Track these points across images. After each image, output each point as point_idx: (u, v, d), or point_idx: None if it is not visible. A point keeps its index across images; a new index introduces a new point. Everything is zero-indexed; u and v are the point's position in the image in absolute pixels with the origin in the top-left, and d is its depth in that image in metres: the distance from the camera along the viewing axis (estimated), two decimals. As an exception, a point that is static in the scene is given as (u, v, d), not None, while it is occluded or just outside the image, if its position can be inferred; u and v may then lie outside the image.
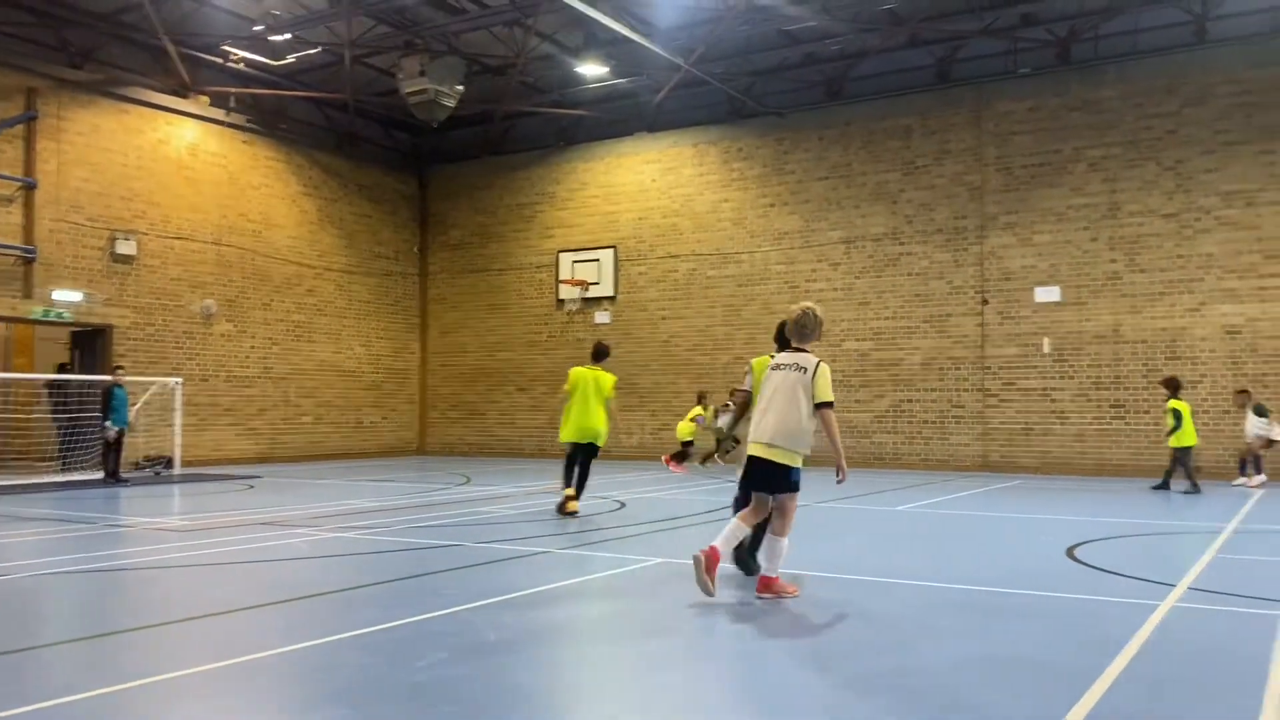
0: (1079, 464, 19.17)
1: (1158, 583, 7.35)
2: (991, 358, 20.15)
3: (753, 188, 22.81)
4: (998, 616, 6.33)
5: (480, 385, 26.33)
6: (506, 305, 26.02)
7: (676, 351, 23.56)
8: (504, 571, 7.99)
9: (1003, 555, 9.06)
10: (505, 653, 5.37)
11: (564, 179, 25.28)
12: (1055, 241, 19.64)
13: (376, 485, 16.65)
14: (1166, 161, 18.79)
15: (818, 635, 5.83)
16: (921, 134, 21.04)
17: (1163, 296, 18.69)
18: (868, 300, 21.41)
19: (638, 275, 24.16)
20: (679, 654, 5.45)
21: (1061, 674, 4.90)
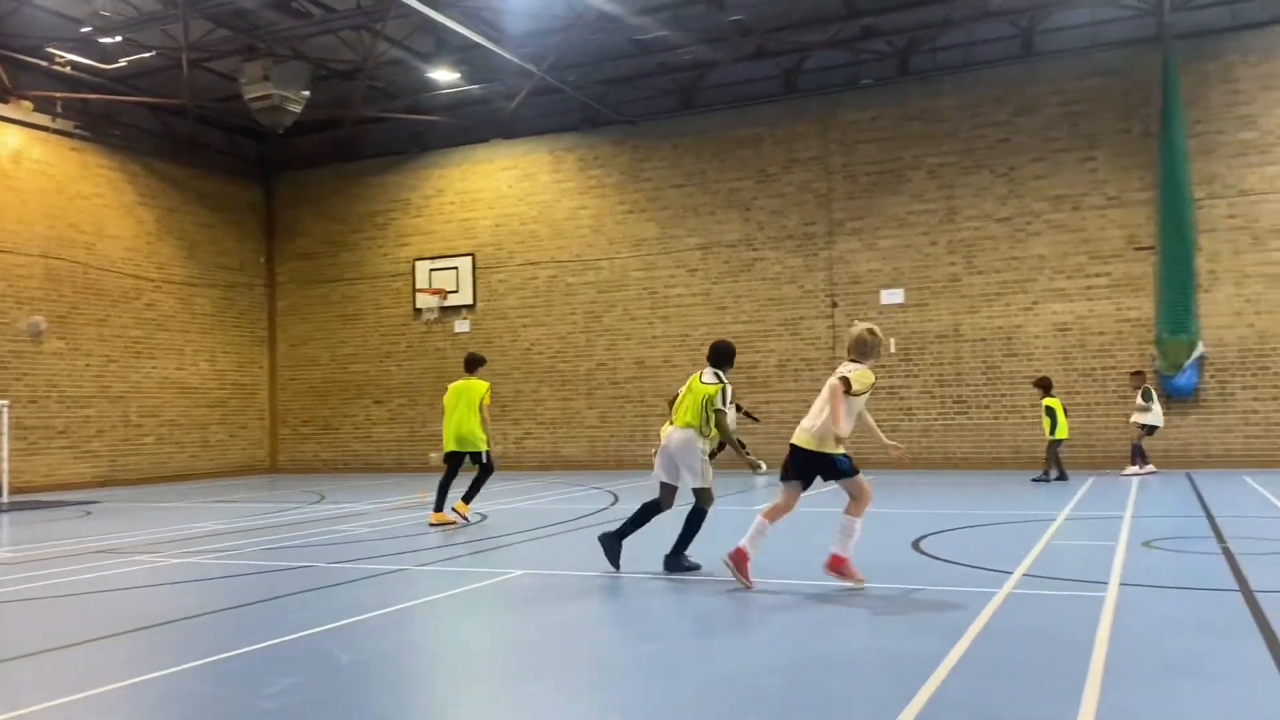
0: (925, 458, 19.99)
1: (995, 570, 7.73)
2: (842, 358, 20.75)
3: (610, 195, 22.95)
4: (847, 610, 6.54)
5: (334, 399, 25.62)
6: (360, 315, 25.41)
7: (538, 359, 23.48)
8: (359, 591, 7.80)
9: (854, 550, 9.34)
10: (359, 675, 5.24)
11: (419, 186, 24.88)
12: (898, 246, 20.44)
13: (225, 507, 16.00)
14: (999, 169, 19.81)
15: (674, 640, 5.90)
16: (771, 143, 21.59)
17: (999, 296, 19.68)
18: (725, 305, 21.81)
19: (497, 283, 23.98)
20: (539, 667, 5.42)
21: (906, 663, 5.10)
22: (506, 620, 6.69)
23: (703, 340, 21.85)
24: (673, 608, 6.84)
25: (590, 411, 22.89)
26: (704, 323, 21.91)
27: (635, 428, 22.44)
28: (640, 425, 22.39)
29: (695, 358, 21.81)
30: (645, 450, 22.26)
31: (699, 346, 21.87)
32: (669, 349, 22.23)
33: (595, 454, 22.78)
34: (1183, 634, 5.65)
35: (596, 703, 4.70)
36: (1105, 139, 19.09)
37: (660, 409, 21.62)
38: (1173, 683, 4.69)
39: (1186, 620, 6.01)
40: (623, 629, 6.20)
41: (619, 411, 22.62)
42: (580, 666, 5.40)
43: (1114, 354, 18.84)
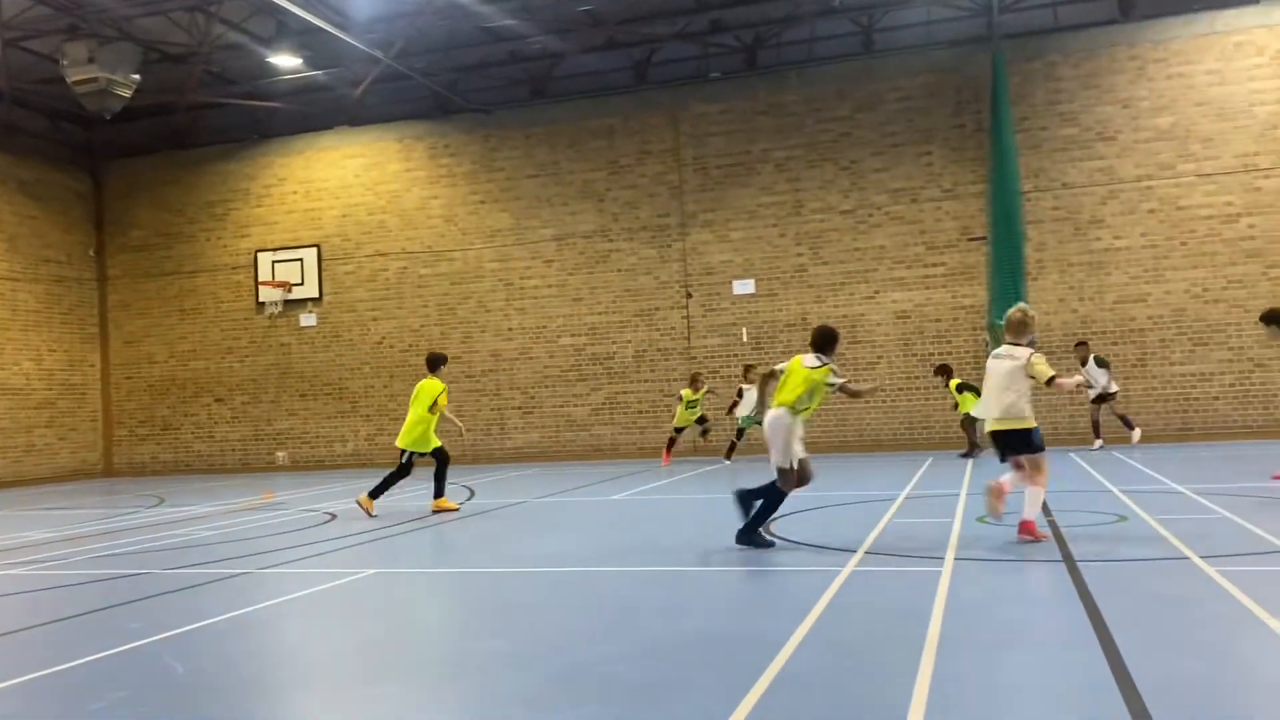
0: (778, 444, 20.48)
1: (840, 549, 7.99)
2: (697, 348, 21.13)
3: (462, 185, 22.62)
4: (698, 594, 6.65)
5: (173, 398, 24.46)
6: (200, 310, 24.31)
7: (389, 353, 22.97)
8: (200, 597, 7.47)
9: (707, 534, 9.51)
10: (196, 686, 5.02)
11: (259, 174, 23.95)
12: (748, 237, 20.87)
13: (54, 514, 15.07)
14: (842, 162, 20.45)
15: (523, 632, 5.87)
16: (624, 134, 21.69)
17: (843, 286, 20.34)
18: (581, 296, 21.82)
19: (344, 275, 23.32)
20: (387, 668, 5.31)
21: (753, 643, 5.22)
22: (354, 622, 6.53)
23: (559, 332, 21.83)
24: (521, 601, 6.81)
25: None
26: (560, 314, 21.87)
27: (492, 421, 22.23)
28: (496, 419, 22.20)
29: (553, 350, 21.80)
30: (503, 444, 22.10)
31: (556, 338, 21.85)
32: (526, 341, 22.10)
33: (451, 448, 22.37)
34: (1011, 604, 5.97)
35: (444, 700, 4.63)
36: (940, 134, 19.95)
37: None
38: (1003, 651, 4.94)
39: (1015, 591, 6.35)
40: (471, 625, 6.13)
41: (475, 405, 22.36)
42: (429, 664, 5.31)
43: (950, 340, 19.73)
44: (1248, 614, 5.37)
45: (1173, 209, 18.79)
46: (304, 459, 23.37)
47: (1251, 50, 18.55)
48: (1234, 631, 5.10)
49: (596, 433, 21.64)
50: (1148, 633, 5.13)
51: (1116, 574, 6.64)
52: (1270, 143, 18.39)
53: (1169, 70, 18.90)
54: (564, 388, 21.84)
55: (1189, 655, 4.70)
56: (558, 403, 21.89)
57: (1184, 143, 18.77)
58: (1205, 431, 18.40)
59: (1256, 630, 5.07)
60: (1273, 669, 4.45)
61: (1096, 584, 6.26)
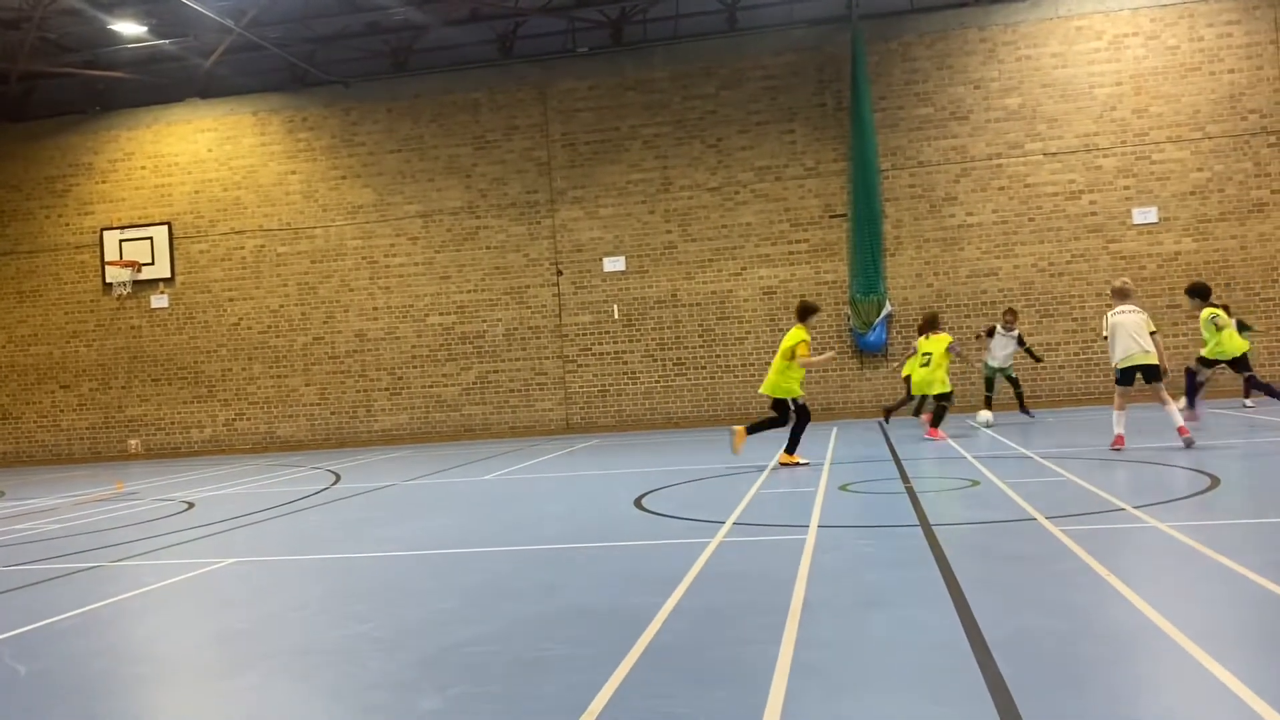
0: (649, 419, 20.70)
1: (709, 521, 8.12)
2: (569, 325, 21.08)
3: (322, 159, 21.93)
4: (570, 571, 6.65)
5: (13, 385, 23.05)
6: (40, 292, 22.95)
7: (248, 335, 22.17)
8: (45, 594, 7.07)
9: (579, 511, 9.54)
10: (40, 687, 4.75)
11: (103, 148, 22.70)
12: (618, 214, 20.90)
13: (-122, 512, 14.02)
14: (709, 139, 20.65)
15: (389, 617, 5.77)
16: (490, 109, 21.38)
17: (711, 263, 20.59)
18: (449, 274, 21.48)
19: (198, 254, 22.36)
20: (247, 659, 5.13)
21: (624, 617, 5.25)
22: (213, 613, 6.29)
23: (428, 310, 21.44)
24: (389, 585, 6.69)
25: (308, 389, 21.93)
26: (428, 292, 21.50)
27: (358, 404, 21.74)
28: (363, 401, 21.72)
29: (420, 329, 21.42)
30: (370, 426, 21.64)
31: (424, 317, 21.47)
32: (392, 320, 21.64)
33: (315, 432, 21.89)
34: (873, 568, 6.17)
35: (308, 688, 4.51)
36: (803, 112, 20.35)
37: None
38: (863, 613, 5.10)
39: (876, 556, 6.56)
40: (336, 611, 5.99)
41: (339, 387, 21.82)
42: (292, 653, 5.16)
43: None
44: (1088, 570, 5.69)
45: (1021, 186, 19.67)
46: (158, 446, 22.40)
47: (1091, 35, 19.52)
48: (1076, 587, 5.40)
49: (467, 413, 21.40)
50: (997, 591, 5.39)
51: (969, 536, 6.94)
52: (1109, 123, 19.41)
53: (1017, 53, 19.72)
54: (433, 367, 21.51)
55: (1035, 610, 4.95)
56: (426, 383, 21.54)
57: (1031, 122, 19.65)
58: (1051, 399, 19.41)
59: (1096, 585, 5.38)
60: (1111, 620, 4.73)
61: (950, 546, 6.53)
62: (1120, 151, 19.34)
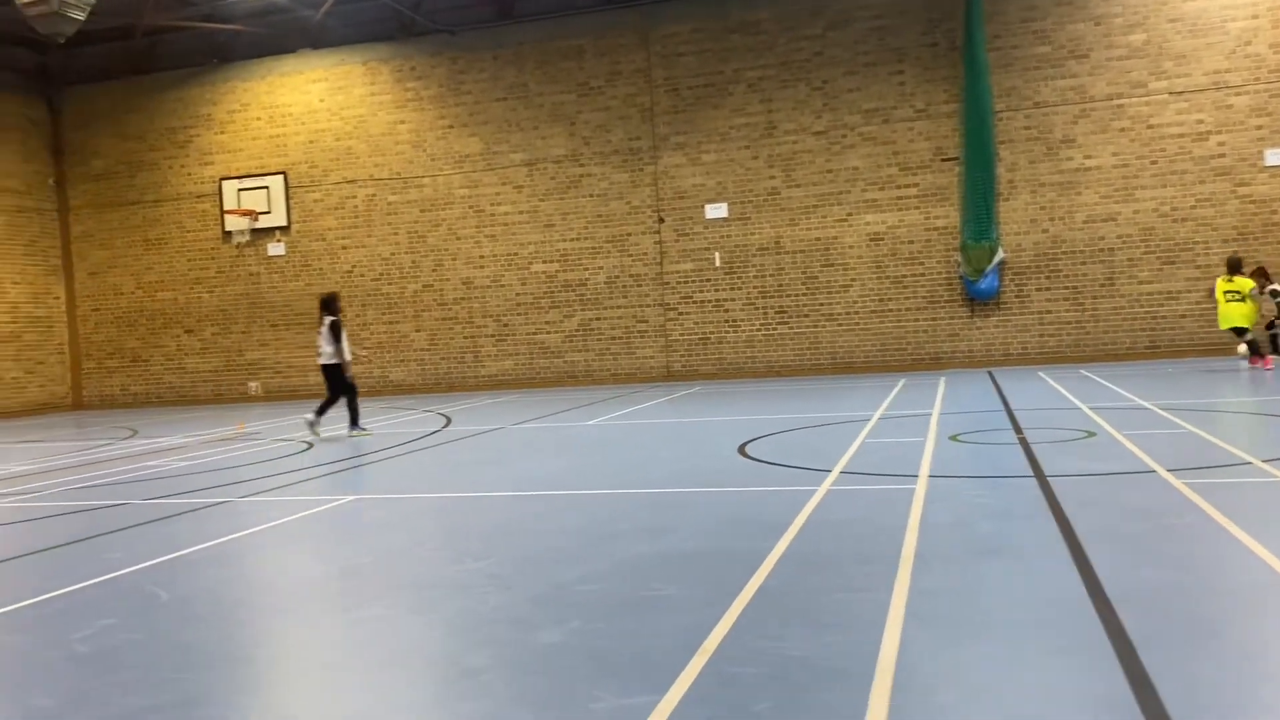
0: (750, 368, 20.63)
1: (816, 469, 8.10)
2: (670, 273, 21.07)
3: (429, 109, 22.21)
4: (676, 515, 6.73)
5: (142, 329, 24.18)
6: (165, 240, 23.92)
7: (360, 282, 22.76)
8: (179, 527, 7.48)
9: (682, 457, 9.61)
10: (179, 612, 5.05)
11: (221, 100, 23.39)
12: (721, 160, 20.69)
13: (25, 447, 14.97)
14: (815, 82, 20.22)
15: (505, 555, 5.93)
16: (594, 55, 21.31)
17: (816, 209, 20.27)
18: (553, 222, 21.63)
19: (313, 203, 22.97)
20: (369, 592, 5.36)
21: (732, 560, 5.31)
22: (335, 547, 6.57)
23: (531, 259, 21.67)
24: (501, 524, 6.87)
25: (418, 334, 22.46)
26: (531, 240, 21.70)
27: (465, 349, 22.18)
28: (470, 347, 22.14)
29: (525, 277, 21.68)
30: (476, 372, 22.09)
31: (528, 265, 21.70)
32: (498, 268, 21.94)
33: (425, 377, 22.44)
34: (985, 519, 6.09)
35: (430, 620, 4.69)
36: (912, 53, 19.74)
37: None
38: (976, 563, 5.05)
39: (988, 506, 6.47)
40: (452, 548, 6.19)
41: (448, 333, 22.28)
42: (413, 587, 5.37)
43: (923, 262, 19.79)
44: (1213, 524, 5.51)
45: (1144, 127, 18.78)
46: (277, 389, 23.28)
47: (1226, -35, 18.38)
48: (1200, 542, 5.24)
49: (570, 359, 21.65)
50: (1117, 543, 5.26)
51: (1086, 488, 6.77)
52: (1241, 59, 18.34)
53: (1143, -14, 18.72)
54: (537, 315, 21.78)
55: (1157, 565, 4.83)
56: (531, 330, 21.84)
57: (1156, 60, 18.69)
58: (1172, 349, 18.67)
59: (1222, 539, 5.21)
60: (1237, 577, 4.59)
61: (1067, 498, 6.39)
62: (1254, 89, 18.28)
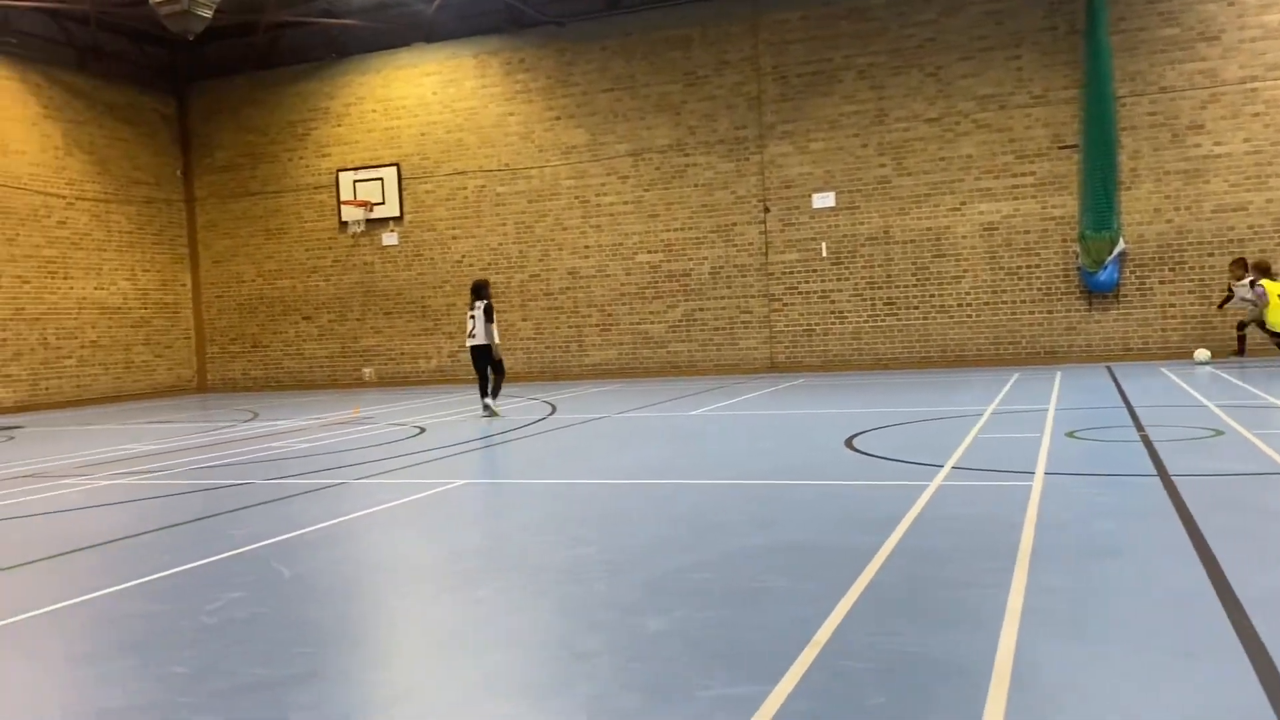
0: (857, 360, 20.33)
1: (926, 464, 7.94)
2: (775, 263, 20.90)
3: (538, 100, 22.47)
4: (783, 507, 6.68)
5: (262, 316, 25.11)
6: (285, 230, 24.77)
7: (469, 272, 23.15)
8: (298, 507, 7.75)
9: (788, 450, 9.54)
10: (301, 588, 5.24)
11: (338, 93, 24.08)
12: (829, 149, 20.41)
13: (154, 428, 15.71)
14: (928, 68, 19.77)
15: (614, 542, 5.98)
16: (701, 44, 21.23)
17: (927, 198, 19.84)
18: (657, 213, 21.67)
19: (424, 194, 23.49)
20: (480, 574, 5.47)
21: (841, 554, 5.24)
22: (446, 530, 6.72)
23: (636, 248, 21.75)
24: (609, 511, 6.93)
25: (524, 323, 22.78)
26: (636, 231, 21.78)
27: (570, 339, 22.41)
28: (575, 336, 22.36)
29: (629, 267, 21.77)
30: (580, 361, 22.30)
31: (632, 255, 21.79)
32: (603, 258, 22.09)
33: (530, 365, 22.75)
34: (1104, 518, 5.88)
35: (539, 603, 4.77)
36: (1030, 37, 19.13)
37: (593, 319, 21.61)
38: (1095, 563, 4.89)
39: (1108, 505, 6.25)
40: (561, 533, 6.26)
41: (553, 323, 22.54)
42: (522, 570, 5.46)
43: (1039, 252, 19.20)
44: (1356, 529, 5.22)
45: (1279, 112, 17.85)
46: (389, 375, 23.91)
47: (1374, -62, 17.31)
48: (1341, 547, 4.97)
49: (673, 349, 21.68)
50: (1249, 546, 5.03)
51: (1213, 488, 6.49)
52: (1391, 38, 17.25)
53: (1282, -38, 17.76)
54: (640, 305, 21.86)
55: (1293, 570, 4.60)
56: (634, 320, 21.94)
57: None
58: (1307, 346, 17.71)
59: (1365, 545, 4.93)
60: (1383, 584, 4.34)
61: (1193, 498, 6.13)
62: (1405, 69, 17.17)
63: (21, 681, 4.06)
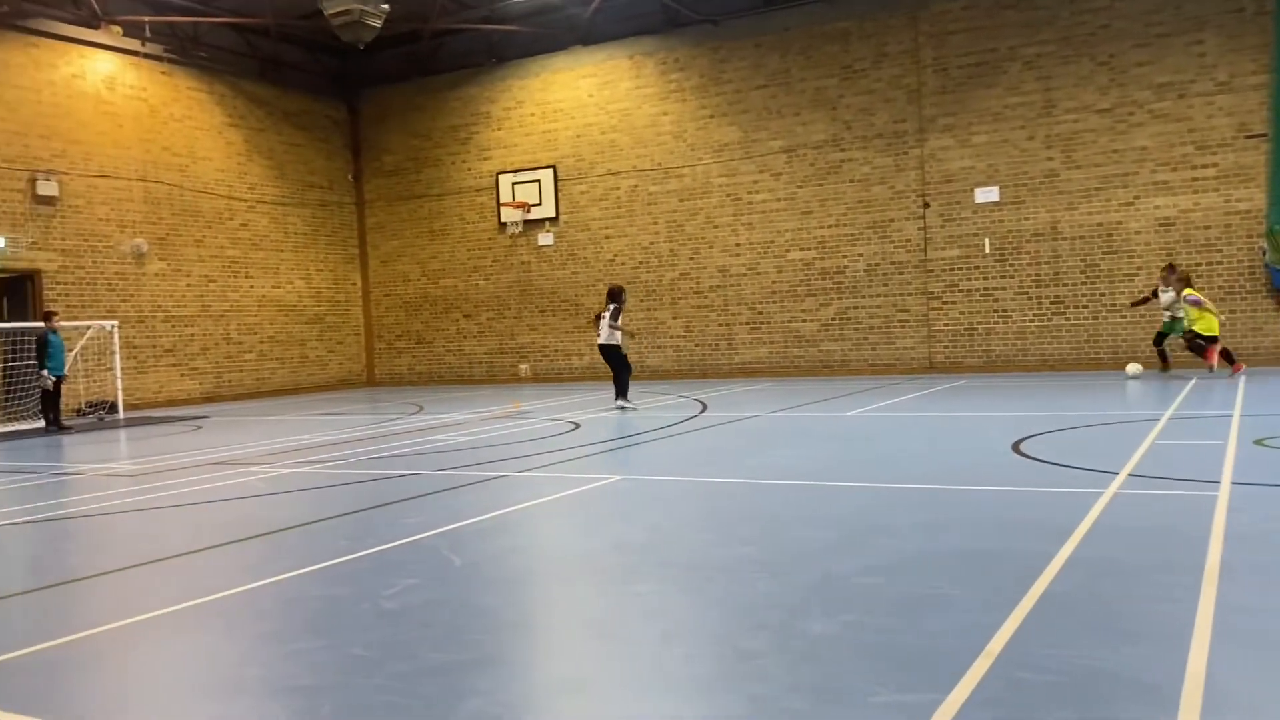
0: (1021, 361, 19.60)
1: (1101, 471, 7.60)
2: (934, 260, 20.37)
3: (691, 99, 22.55)
4: (949, 512, 6.51)
5: (425, 313, 26.09)
6: (447, 231, 25.65)
7: (621, 270, 23.47)
8: (464, 497, 8.03)
9: (952, 453, 9.29)
10: (472, 576, 5.43)
11: (498, 98, 24.77)
12: (993, 142, 19.74)
13: (327, 419, 16.54)
14: (1100, 56, 18.87)
15: (776, 542, 5.96)
16: (859, 37, 20.87)
17: (1098, 192, 18.95)
18: (811, 209, 21.43)
19: (579, 194, 23.91)
20: (642, 568, 5.54)
21: (1012, 562, 5.08)
22: (606, 524, 6.83)
23: (788, 246, 21.57)
24: (766, 511, 6.90)
25: (674, 321, 22.91)
26: (789, 228, 21.60)
27: (720, 337, 22.41)
28: (725, 334, 22.34)
29: (781, 265, 21.61)
30: (730, 359, 22.27)
31: (785, 252, 21.62)
32: (754, 256, 22.00)
33: (680, 363, 22.87)
34: (1302, 532, 5.50)
35: (700, 600, 4.80)
36: (1214, 20, 18.01)
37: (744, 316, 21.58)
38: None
39: (1305, 519, 5.84)
40: (719, 532, 6.28)
41: (703, 321, 22.59)
42: (682, 566, 5.50)
43: (1220, 249, 18.08)
44: None
45: None
46: (544, 371, 24.46)
47: None
48: None
49: (826, 348, 21.39)
50: None
51: None
52: None
53: None
54: (793, 303, 21.66)
55: None
56: (786, 318, 21.76)
57: None
58: None
59: None
60: None
61: (1406, 515, 5.66)
62: None
63: (224, 655, 4.36)
